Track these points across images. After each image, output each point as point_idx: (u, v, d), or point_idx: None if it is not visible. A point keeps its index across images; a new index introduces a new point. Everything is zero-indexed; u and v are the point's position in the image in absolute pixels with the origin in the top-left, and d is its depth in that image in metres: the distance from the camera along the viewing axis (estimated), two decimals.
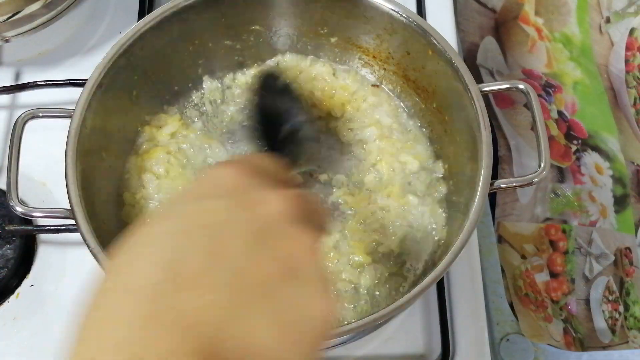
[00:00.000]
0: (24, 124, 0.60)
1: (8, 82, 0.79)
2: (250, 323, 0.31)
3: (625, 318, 0.83)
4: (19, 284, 0.69)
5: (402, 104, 0.72)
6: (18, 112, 0.70)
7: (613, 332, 0.81)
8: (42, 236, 0.71)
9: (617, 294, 0.84)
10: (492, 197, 0.84)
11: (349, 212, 0.67)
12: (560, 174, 0.88)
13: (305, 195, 0.39)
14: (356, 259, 0.64)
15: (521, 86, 0.62)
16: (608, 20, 1.03)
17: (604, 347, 0.80)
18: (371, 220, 0.66)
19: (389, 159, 0.69)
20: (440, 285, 0.68)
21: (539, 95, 0.92)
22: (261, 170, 0.39)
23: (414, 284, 0.63)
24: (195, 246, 0.32)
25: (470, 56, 0.93)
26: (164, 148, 0.69)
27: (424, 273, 0.64)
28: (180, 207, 0.36)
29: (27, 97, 0.77)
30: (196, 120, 0.71)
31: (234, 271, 0.32)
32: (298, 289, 0.33)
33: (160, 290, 0.30)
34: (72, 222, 0.55)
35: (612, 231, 0.87)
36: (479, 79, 0.87)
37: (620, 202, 0.90)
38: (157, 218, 0.35)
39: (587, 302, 0.82)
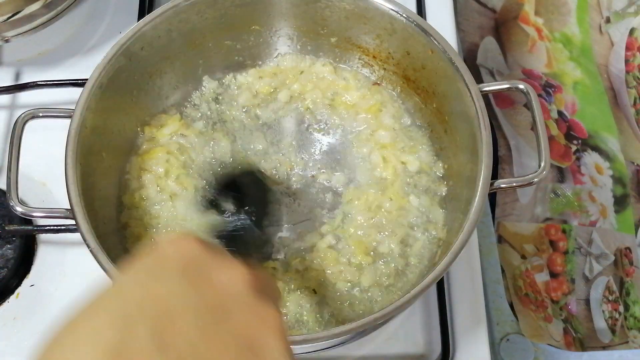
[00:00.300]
0: (24, 124, 0.60)
1: (8, 82, 0.79)
2: None
3: (625, 318, 0.83)
4: (19, 284, 0.69)
5: (402, 104, 0.72)
6: (18, 112, 0.70)
7: (613, 332, 0.81)
8: (42, 236, 0.71)
9: (617, 294, 0.84)
10: (492, 197, 0.84)
11: (349, 212, 0.67)
12: (560, 174, 0.89)
13: (258, 269, 0.37)
14: (356, 259, 0.64)
15: (521, 86, 0.62)
16: (608, 20, 1.03)
17: (604, 347, 0.80)
18: (371, 221, 0.66)
19: (389, 159, 0.69)
20: (440, 285, 0.68)
21: (539, 95, 0.92)
22: (211, 247, 0.37)
23: (414, 284, 0.63)
24: (140, 330, 0.30)
25: (470, 56, 0.93)
26: (163, 148, 0.69)
27: (424, 273, 0.64)
28: (127, 285, 0.34)
29: (27, 97, 0.77)
30: (196, 120, 0.71)
31: (185, 351, 0.30)
32: None
33: None
34: (72, 222, 0.55)
35: (612, 231, 0.87)
36: (479, 79, 0.87)
37: (620, 202, 0.90)
38: (101, 297, 0.33)
39: (587, 302, 0.82)
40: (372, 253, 0.64)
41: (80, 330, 0.31)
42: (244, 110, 0.72)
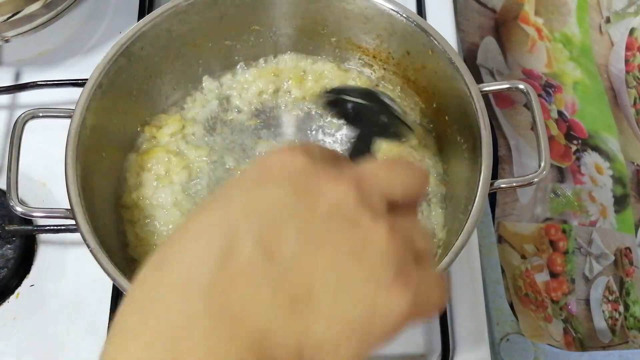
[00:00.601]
0: (24, 124, 0.60)
1: (8, 82, 0.79)
2: (303, 321, 0.29)
3: (625, 318, 0.83)
4: (19, 284, 0.69)
5: (402, 104, 0.72)
6: (18, 112, 0.70)
7: (613, 332, 0.81)
8: (42, 236, 0.71)
9: (617, 294, 0.84)
10: (492, 197, 0.84)
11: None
12: (560, 174, 0.88)
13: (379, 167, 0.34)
14: None
15: (521, 86, 0.62)
16: (608, 20, 1.03)
17: (604, 347, 0.80)
18: None
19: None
20: None
21: (539, 95, 0.92)
22: (320, 154, 0.34)
23: None
24: (246, 236, 0.30)
25: (470, 56, 0.93)
26: (164, 148, 0.69)
27: None
28: (230, 193, 0.32)
29: (27, 97, 0.77)
30: (196, 120, 0.71)
31: (287, 264, 0.29)
32: (356, 282, 0.30)
33: (209, 285, 0.29)
34: (72, 222, 0.55)
35: (612, 231, 0.87)
36: (479, 79, 0.87)
37: (620, 202, 0.90)
38: (204, 207, 0.33)
39: (587, 302, 0.82)
40: None
41: (189, 235, 0.31)
42: (244, 110, 0.72)
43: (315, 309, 0.29)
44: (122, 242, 0.65)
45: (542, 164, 0.58)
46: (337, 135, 0.71)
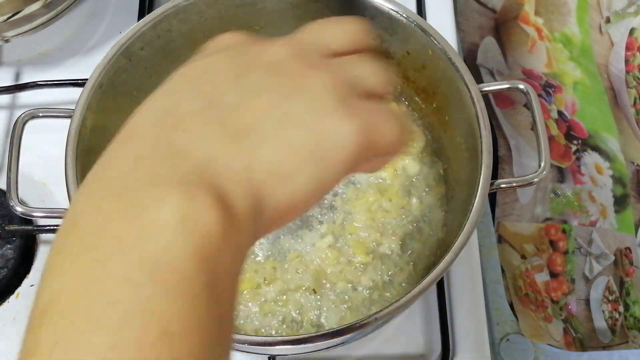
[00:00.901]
0: (24, 124, 0.60)
1: (8, 82, 0.79)
2: (248, 148, 0.29)
3: (625, 318, 0.83)
4: (19, 284, 0.69)
5: (401, 105, 0.72)
6: (18, 112, 0.70)
7: (613, 332, 0.81)
8: (42, 236, 0.71)
9: (617, 294, 0.84)
10: (492, 197, 0.84)
11: (349, 212, 0.67)
12: (560, 174, 0.88)
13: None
14: (356, 259, 0.64)
15: (521, 86, 0.62)
16: (608, 20, 1.03)
17: (604, 347, 0.80)
18: (371, 221, 0.66)
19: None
20: (440, 285, 0.68)
21: (539, 95, 0.92)
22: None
23: (414, 284, 0.63)
24: (187, 91, 0.32)
25: (470, 56, 0.93)
26: None
27: (424, 273, 0.64)
28: (180, 69, 0.35)
29: (27, 97, 0.77)
30: None
31: (230, 109, 0.30)
32: (303, 110, 0.30)
33: (156, 132, 0.30)
34: None
35: (612, 231, 0.87)
36: (479, 79, 0.87)
37: (620, 202, 0.90)
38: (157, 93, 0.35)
39: (587, 302, 0.82)
40: (372, 253, 0.64)
41: (142, 106, 0.34)
42: None
43: (261, 138, 0.30)
44: None
45: (542, 164, 0.58)
46: None
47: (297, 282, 0.63)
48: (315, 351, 0.65)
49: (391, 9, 0.65)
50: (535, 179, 0.59)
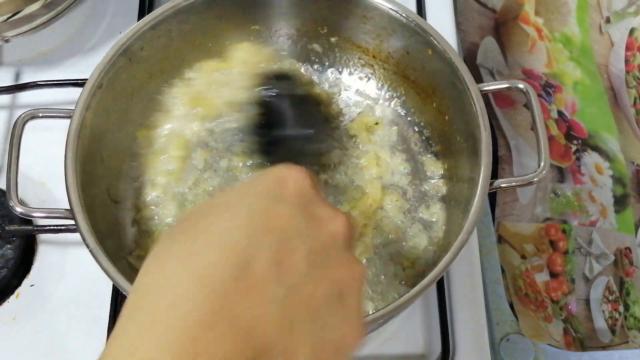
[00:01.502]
0: (24, 124, 0.60)
1: (8, 82, 0.79)
2: (297, 340, 0.32)
3: (625, 318, 0.83)
4: (19, 284, 0.69)
5: (402, 104, 0.72)
6: (18, 112, 0.70)
7: (613, 332, 0.81)
8: (42, 236, 0.71)
9: (617, 294, 0.84)
10: (492, 197, 0.84)
11: (349, 212, 0.67)
12: (560, 174, 0.88)
13: (353, 219, 0.40)
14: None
15: (521, 86, 0.62)
16: (608, 20, 1.03)
17: (604, 347, 0.80)
18: (371, 221, 0.66)
19: (389, 159, 0.69)
20: (440, 285, 0.68)
21: (539, 95, 0.92)
22: (315, 182, 0.38)
23: (414, 283, 0.63)
24: (265, 250, 0.32)
25: (470, 56, 0.93)
26: (164, 147, 0.69)
27: (424, 273, 0.64)
28: (248, 202, 0.35)
29: (27, 97, 0.77)
30: (196, 120, 0.71)
31: (294, 285, 0.32)
32: (341, 315, 0.34)
33: (227, 290, 0.30)
34: (72, 222, 0.55)
35: (612, 231, 0.87)
36: (479, 79, 0.87)
37: (620, 202, 0.90)
38: (222, 204, 0.35)
39: (587, 302, 0.82)
40: (372, 253, 0.64)
41: (213, 239, 0.32)
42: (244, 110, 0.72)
43: (306, 331, 0.32)
44: (121, 242, 0.65)
45: (542, 164, 0.58)
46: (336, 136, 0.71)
47: None
48: None
49: (391, 9, 0.65)
50: (535, 179, 0.59)
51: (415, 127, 0.71)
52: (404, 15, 0.64)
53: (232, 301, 0.30)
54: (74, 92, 0.63)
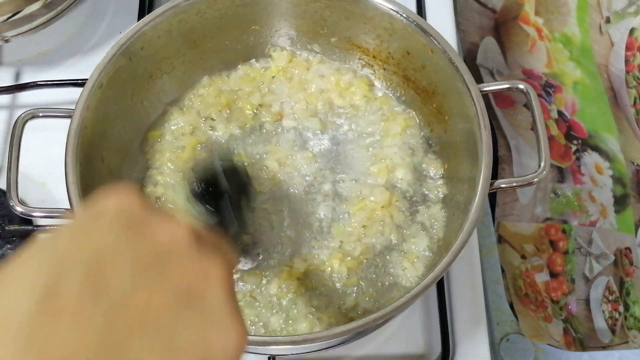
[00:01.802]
0: (24, 124, 0.60)
1: (8, 82, 0.79)
2: (138, 355, 0.29)
3: (625, 318, 0.83)
4: None
5: (401, 104, 0.72)
6: (18, 112, 0.70)
7: (613, 332, 0.81)
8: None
9: (617, 294, 0.84)
10: (492, 197, 0.84)
11: (350, 212, 0.67)
12: (560, 174, 0.88)
13: (204, 227, 0.37)
14: (356, 259, 0.64)
15: (521, 86, 0.62)
16: (608, 20, 1.03)
17: (604, 347, 0.80)
18: (372, 221, 0.66)
19: (389, 159, 0.69)
20: (440, 285, 0.68)
21: (539, 95, 0.92)
22: (142, 197, 0.36)
23: (414, 284, 0.63)
24: (74, 272, 0.30)
25: (470, 56, 0.93)
26: (164, 147, 0.69)
27: (424, 273, 0.64)
28: (59, 237, 0.32)
29: (27, 97, 0.77)
30: (196, 119, 0.71)
31: (118, 300, 0.29)
32: (199, 319, 0.31)
33: (34, 320, 0.28)
34: None
35: (612, 231, 0.87)
36: (479, 79, 0.87)
37: (620, 202, 0.90)
38: (35, 244, 0.32)
39: (587, 302, 0.82)
40: (372, 253, 0.64)
41: (10, 275, 0.30)
42: (244, 110, 0.72)
43: (145, 345, 0.29)
44: None
45: (542, 164, 0.58)
46: (336, 135, 0.71)
47: (297, 283, 0.63)
48: (315, 351, 0.65)
49: (391, 9, 0.65)
50: (535, 179, 0.59)
51: (416, 127, 0.71)
52: (404, 15, 0.64)
53: (41, 330, 0.28)
54: (74, 92, 0.63)
